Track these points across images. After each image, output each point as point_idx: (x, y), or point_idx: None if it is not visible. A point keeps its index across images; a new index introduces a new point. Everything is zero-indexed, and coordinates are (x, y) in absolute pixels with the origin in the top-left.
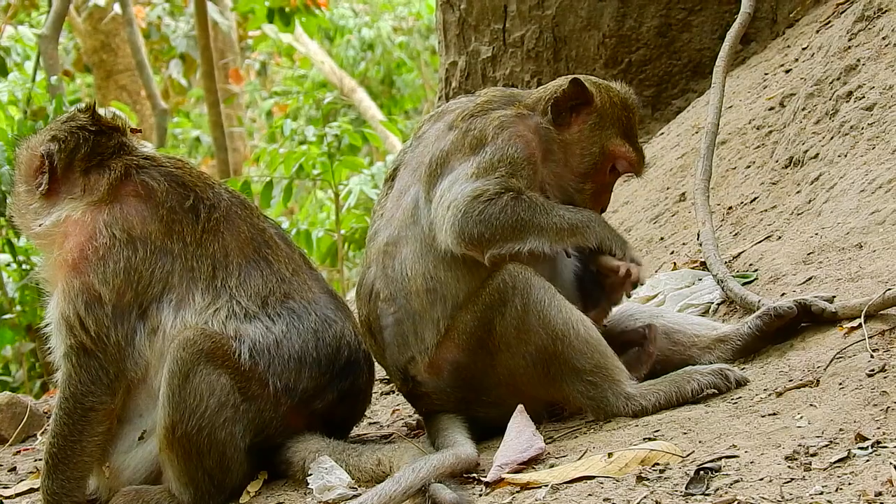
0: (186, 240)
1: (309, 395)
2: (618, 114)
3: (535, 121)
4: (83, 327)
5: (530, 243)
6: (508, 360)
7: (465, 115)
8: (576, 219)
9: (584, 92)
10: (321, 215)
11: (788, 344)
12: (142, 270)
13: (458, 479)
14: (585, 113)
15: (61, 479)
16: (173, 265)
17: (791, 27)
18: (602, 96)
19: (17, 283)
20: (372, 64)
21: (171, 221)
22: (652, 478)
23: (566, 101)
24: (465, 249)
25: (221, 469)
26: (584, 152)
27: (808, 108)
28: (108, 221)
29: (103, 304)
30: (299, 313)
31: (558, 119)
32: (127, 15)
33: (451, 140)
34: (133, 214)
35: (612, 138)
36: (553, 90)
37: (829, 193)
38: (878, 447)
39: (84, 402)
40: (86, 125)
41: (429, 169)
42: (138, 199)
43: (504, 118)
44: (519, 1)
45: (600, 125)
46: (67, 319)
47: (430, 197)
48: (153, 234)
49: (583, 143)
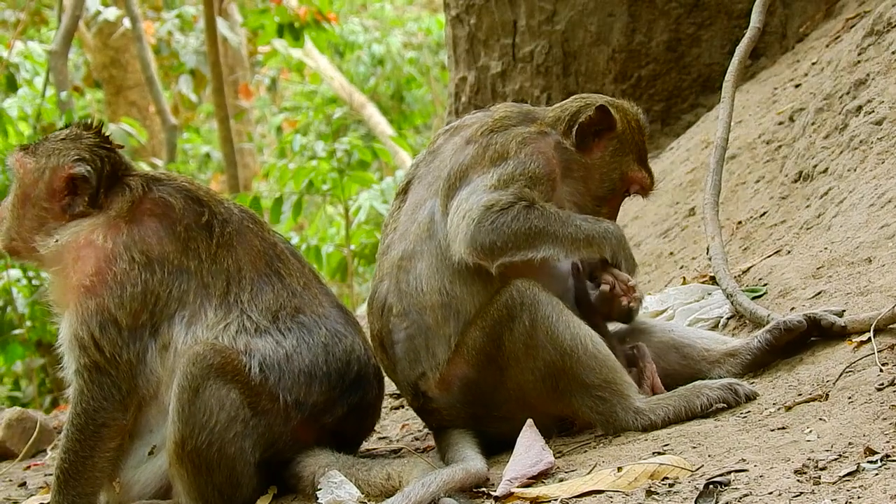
0: (202, 256)
1: (319, 410)
2: (636, 138)
3: (556, 139)
4: (97, 348)
5: (543, 251)
6: (517, 375)
7: (484, 131)
8: (593, 230)
9: (609, 118)
10: (331, 231)
11: (798, 358)
12: (159, 292)
13: (468, 494)
14: (608, 138)
15: (72, 495)
16: (189, 283)
17: (801, 42)
18: (623, 122)
19: (28, 298)
20: (382, 79)
21: (187, 239)
22: (661, 492)
23: (591, 126)
24: (476, 259)
25: (231, 484)
26: (603, 177)
27: (818, 123)
28: (127, 244)
29: (119, 326)
30: (310, 327)
31: (582, 144)
32: (137, 31)
33: (471, 154)
34: (151, 234)
35: (631, 164)
36: (573, 112)
37: (838, 208)
38: (888, 461)
39: (96, 419)
40: (100, 143)
41: (447, 183)
42: (156, 217)
43: (527, 135)
44: (528, 16)
45: (621, 151)
46: (81, 340)
47: (447, 210)
48: (170, 254)
49: (604, 168)
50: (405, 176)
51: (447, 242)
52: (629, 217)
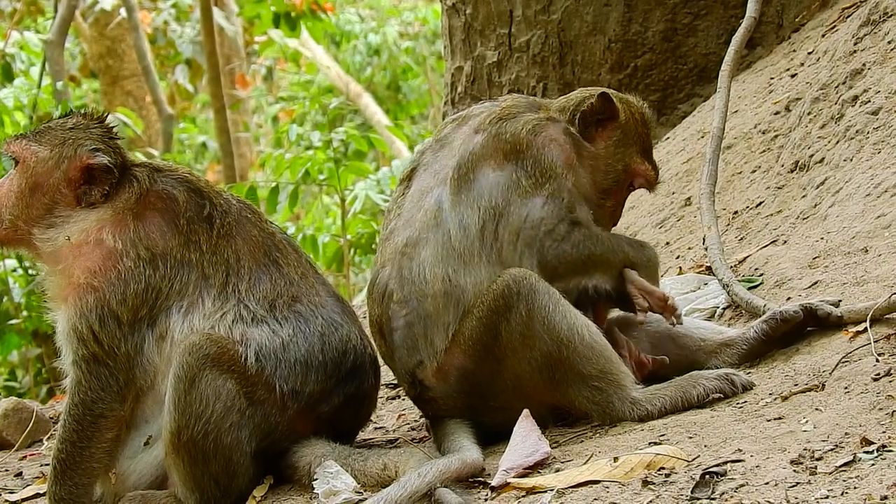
0: (203, 248)
1: (315, 399)
2: (639, 130)
3: (564, 126)
4: (96, 340)
5: (596, 279)
6: (514, 365)
7: (493, 119)
8: (639, 257)
9: (611, 107)
10: (327, 220)
11: (794, 348)
12: (161, 287)
13: (464, 484)
14: (611, 128)
15: (69, 486)
16: (189, 276)
17: (797, 31)
18: (626, 112)
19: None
20: (378, 69)
21: (189, 231)
22: (657, 482)
23: (593, 114)
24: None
25: (227, 474)
26: (608, 168)
27: (814, 113)
28: (133, 241)
29: (119, 320)
30: (306, 316)
31: (585, 132)
32: (133, 20)
33: (480, 143)
34: (156, 230)
35: (635, 156)
36: (578, 101)
37: (834, 198)
38: (884, 451)
39: (94, 409)
40: (108, 133)
41: (457, 172)
42: (161, 210)
43: (536, 122)
44: (524, 6)
45: (624, 142)
46: (79, 333)
47: (459, 201)
48: (174, 248)
49: (608, 159)
50: (410, 163)
51: (464, 236)
52: (625, 207)
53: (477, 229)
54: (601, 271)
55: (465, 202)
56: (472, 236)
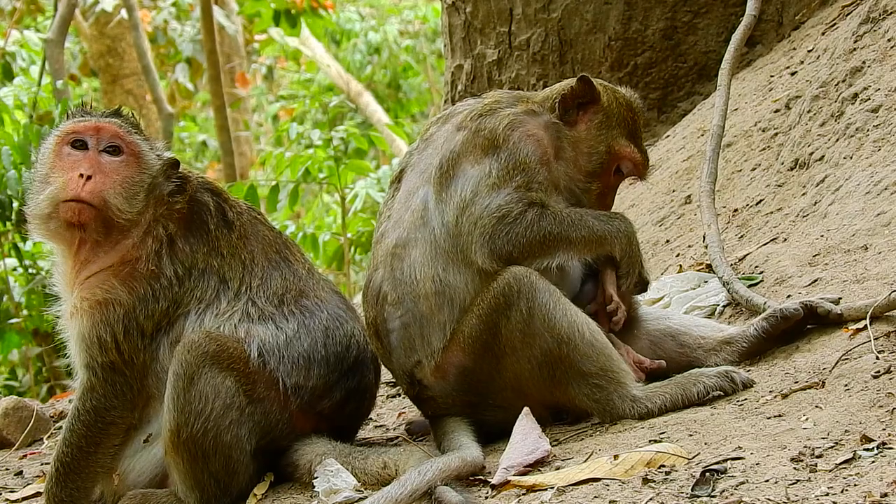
0: (224, 253)
1: (317, 394)
2: (623, 114)
3: (545, 118)
4: (118, 350)
5: (559, 258)
6: (514, 363)
7: (473, 115)
8: (604, 229)
9: (591, 89)
10: (327, 219)
11: (794, 346)
12: (184, 298)
13: (464, 482)
14: (592, 111)
15: (70, 488)
16: (210, 281)
17: (796, 29)
18: (608, 96)
19: (24, 287)
20: (378, 67)
21: (215, 238)
22: (658, 480)
23: (574, 98)
24: (495, 267)
25: (227, 472)
26: (591, 150)
27: (814, 111)
28: (171, 257)
29: (143, 332)
30: (312, 311)
31: (566, 116)
32: (133, 19)
33: (461, 140)
34: (193, 241)
35: (618, 138)
36: (560, 89)
37: (834, 195)
38: (884, 448)
39: (105, 417)
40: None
41: (439, 171)
42: (195, 222)
43: (514, 116)
44: (524, 4)
45: (607, 124)
46: (103, 341)
47: (441, 199)
48: (200, 258)
49: (590, 140)
50: (399, 164)
51: (445, 234)
52: (625, 205)
53: (453, 226)
54: (563, 249)
55: (446, 199)
56: (452, 233)
